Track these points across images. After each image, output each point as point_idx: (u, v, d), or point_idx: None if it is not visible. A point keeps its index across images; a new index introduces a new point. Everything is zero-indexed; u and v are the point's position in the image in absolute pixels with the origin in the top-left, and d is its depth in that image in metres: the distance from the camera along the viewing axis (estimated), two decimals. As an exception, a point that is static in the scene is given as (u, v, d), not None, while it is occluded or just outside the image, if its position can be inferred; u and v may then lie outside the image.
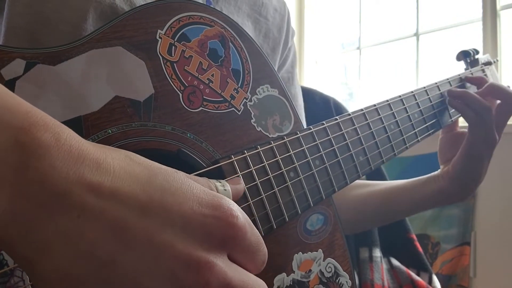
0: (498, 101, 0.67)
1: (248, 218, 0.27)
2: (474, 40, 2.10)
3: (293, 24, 2.75)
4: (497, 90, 0.65)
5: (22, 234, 0.22)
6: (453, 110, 0.67)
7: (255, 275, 0.27)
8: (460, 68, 0.80)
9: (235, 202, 0.28)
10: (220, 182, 0.32)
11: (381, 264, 0.78)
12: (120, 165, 0.24)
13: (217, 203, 0.25)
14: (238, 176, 0.39)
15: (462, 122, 0.72)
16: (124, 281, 0.22)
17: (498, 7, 2.01)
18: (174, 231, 0.23)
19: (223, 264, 0.24)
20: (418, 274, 0.81)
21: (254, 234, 0.27)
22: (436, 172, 0.68)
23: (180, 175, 0.26)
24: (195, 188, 0.26)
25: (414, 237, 0.86)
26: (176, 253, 0.23)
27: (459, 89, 0.66)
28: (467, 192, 0.65)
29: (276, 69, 0.51)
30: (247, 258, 0.27)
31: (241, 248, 0.26)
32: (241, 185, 0.34)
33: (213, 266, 0.24)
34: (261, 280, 0.27)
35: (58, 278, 0.22)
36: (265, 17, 0.60)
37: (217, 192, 0.30)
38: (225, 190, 0.32)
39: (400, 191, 0.68)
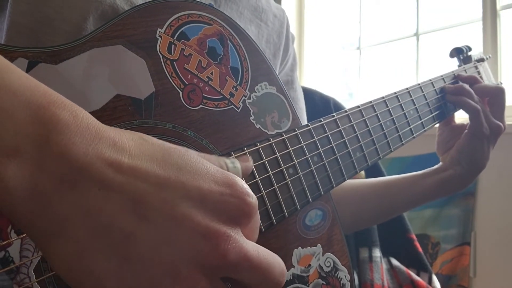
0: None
1: None
2: (474, 40, 2.10)
3: (293, 24, 2.75)
4: (483, 89, 0.70)
5: (42, 208, 0.22)
6: (449, 105, 0.69)
7: None
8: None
9: (244, 179, 0.28)
10: (229, 159, 0.32)
11: (381, 264, 0.78)
12: (135, 145, 0.25)
13: (232, 182, 0.26)
14: (245, 153, 0.40)
15: (458, 117, 0.74)
16: (143, 253, 0.23)
17: (498, 7, 2.01)
18: (192, 204, 0.24)
19: (239, 237, 0.25)
20: (418, 274, 0.81)
21: (258, 216, 0.28)
22: (436, 166, 0.69)
23: (193, 154, 0.27)
24: (209, 167, 0.26)
25: (414, 237, 0.86)
26: (194, 225, 0.24)
27: (454, 85, 0.69)
28: (469, 176, 0.67)
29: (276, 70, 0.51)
30: (254, 237, 0.28)
31: (250, 226, 0.27)
32: (250, 163, 0.34)
33: (230, 237, 0.24)
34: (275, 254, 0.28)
35: (77, 253, 0.22)
36: (265, 22, 0.61)
37: (228, 169, 0.31)
38: (235, 167, 0.32)
39: (400, 184, 0.69)
